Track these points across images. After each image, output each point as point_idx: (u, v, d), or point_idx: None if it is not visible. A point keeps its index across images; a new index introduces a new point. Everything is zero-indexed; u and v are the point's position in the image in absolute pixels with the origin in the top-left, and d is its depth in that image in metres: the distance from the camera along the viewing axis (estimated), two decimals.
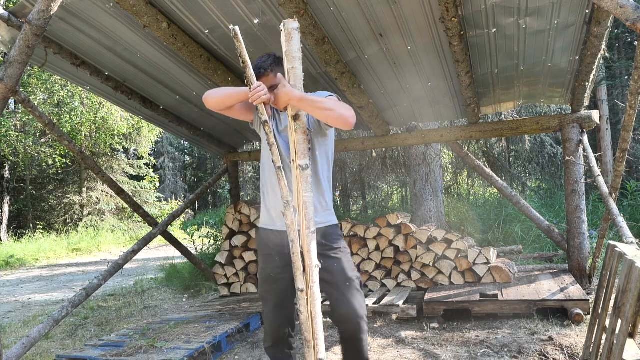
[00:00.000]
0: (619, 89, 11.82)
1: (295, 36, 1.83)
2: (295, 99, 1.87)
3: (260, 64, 2.16)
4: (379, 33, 3.18)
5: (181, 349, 3.17)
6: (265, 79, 2.15)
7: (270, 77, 2.15)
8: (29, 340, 3.10)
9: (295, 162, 1.84)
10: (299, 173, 1.81)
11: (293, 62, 1.85)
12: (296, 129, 1.87)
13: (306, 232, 1.77)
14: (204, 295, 5.81)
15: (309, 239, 1.77)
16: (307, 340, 1.75)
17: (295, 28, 1.81)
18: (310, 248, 1.77)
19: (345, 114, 1.97)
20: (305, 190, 1.80)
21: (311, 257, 1.77)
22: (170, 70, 3.90)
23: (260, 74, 2.15)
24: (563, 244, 4.30)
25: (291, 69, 1.86)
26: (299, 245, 1.76)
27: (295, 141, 1.85)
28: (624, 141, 2.90)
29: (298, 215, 1.80)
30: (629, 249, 2.06)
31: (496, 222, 7.15)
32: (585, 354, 2.42)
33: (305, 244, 1.77)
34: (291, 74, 1.87)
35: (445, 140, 4.69)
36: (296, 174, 1.83)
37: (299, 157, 1.82)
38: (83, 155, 4.23)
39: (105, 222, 16.70)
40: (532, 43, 3.32)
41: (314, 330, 1.75)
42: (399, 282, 4.52)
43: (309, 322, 1.74)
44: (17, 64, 2.44)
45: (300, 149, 1.83)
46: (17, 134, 13.42)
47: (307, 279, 1.76)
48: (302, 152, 1.83)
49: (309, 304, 1.74)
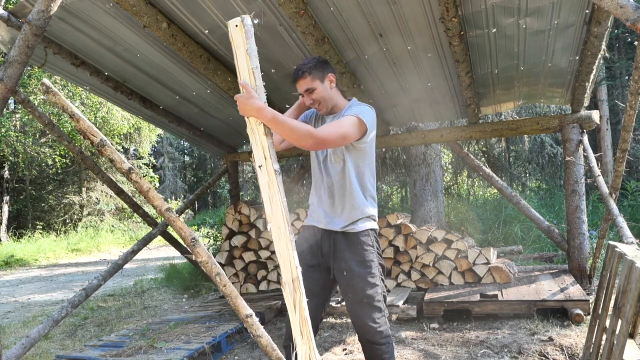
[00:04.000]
0: (619, 89, 11.82)
1: (252, 33, 1.72)
2: (265, 119, 1.75)
3: (301, 66, 2.16)
4: (378, 33, 3.18)
5: (181, 349, 3.16)
6: (302, 82, 2.15)
7: (307, 79, 2.14)
8: (29, 341, 3.09)
9: (265, 166, 1.71)
10: (272, 177, 1.69)
11: (256, 61, 1.73)
12: (266, 132, 1.74)
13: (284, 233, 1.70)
14: (203, 295, 5.81)
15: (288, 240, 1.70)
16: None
17: (253, 24, 1.70)
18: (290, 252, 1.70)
19: (313, 143, 1.91)
20: (280, 193, 1.70)
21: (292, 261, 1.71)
22: (170, 70, 3.90)
23: (298, 75, 2.15)
24: (563, 244, 4.30)
25: (255, 68, 1.73)
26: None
27: (265, 145, 1.73)
28: (624, 141, 2.90)
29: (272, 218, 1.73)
30: (629, 249, 2.06)
31: (496, 222, 7.15)
32: (585, 355, 2.42)
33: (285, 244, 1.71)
34: (256, 73, 1.74)
35: (445, 140, 4.68)
36: (267, 179, 1.71)
37: (272, 161, 1.71)
38: (83, 156, 4.22)
39: (105, 222, 16.70)
40: (532, 43, 3.32)
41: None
42: (399, 282, 4.52)
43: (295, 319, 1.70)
44: (16, 64, 2.44)
45: (271, 153, 1.72)
46: (16, 134, 13.42)
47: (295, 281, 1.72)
48: (274, 156, 1.72)
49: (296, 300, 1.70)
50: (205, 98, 4.43)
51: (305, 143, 1.91)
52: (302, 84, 2.15)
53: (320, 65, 2.16)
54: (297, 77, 2.16)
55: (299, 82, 2.16)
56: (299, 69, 2.15)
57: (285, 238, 1.68)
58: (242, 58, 1.70)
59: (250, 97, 1.73)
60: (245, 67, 1.70)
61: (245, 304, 1.47)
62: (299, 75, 2.15)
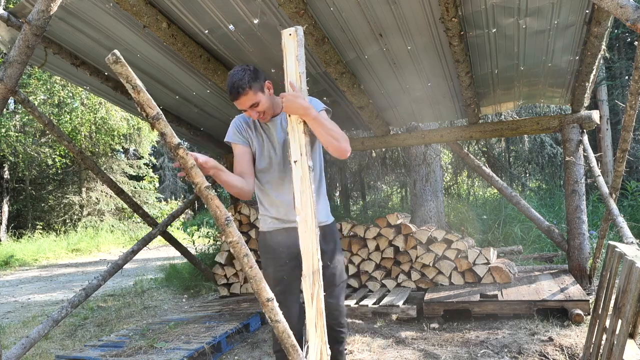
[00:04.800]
0: (619, 89, 11.81)
1: (303, 42, 1.88)
2: (310, 117, 1.83)
3: (237, 82, 1.99)
4: (378, 33, 3.18)
5: (181, 350, 3.16)
6: (244, 99, 2.01)
7: (249, 95, 2.00)
8: (29, 341, 3.09)
9: (300, 162, 1.85)
10: (305, 172, 1.83)
11: (303, 67, 1.89)
12: (305, 131, 1.88)
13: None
14: (203, 295, 5.81)
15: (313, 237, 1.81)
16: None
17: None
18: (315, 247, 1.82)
19: (345, 148, 1.96)
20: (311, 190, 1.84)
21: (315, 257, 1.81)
22: (170, 70, 3.90)
23: (239, 93, 2.00)
24: (563, 244, 4.30)
25: (302, 73, 1.88)
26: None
27: (302, 143, 1.86)
28: (624, 141, 2.90)
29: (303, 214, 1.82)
30: (629, 249, 2.06)
31: (496, 222, 7.15)
32: (585, 355, 2.42)
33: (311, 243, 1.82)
34: (302, 77, 1.88)
35: (445, 140, 4.68)
36: (301, 174, 1.84)
37: (307, 158, 1.85)
38: (83, 156, 4.22)
39: (105, 222, 16.70)
40: (532, 43, 3.32)
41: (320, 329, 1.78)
42: (399, 282, 4.52)
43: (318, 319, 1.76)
44: (16, 64, 2.44)
45: (307, 150, 1.85)
46: (16, 134, 13.42)
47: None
48: (308, 153, 1.86)
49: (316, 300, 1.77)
50: (205, 98, 4.43)
51: (341, 145, 1.95)
52: (244, 101, 2.02)
53: (255, 75, 2.04)
54: (238, 95, 2.00)
55: (241, 99, 2.01)
56: (237, 87, 1.99)
57: (310, 231, 1.80)
58: (292, 63, 1.88)
59: (298, 96, 1.81)
60: (294, 71, 1.88)
61: (267, 287, 1.53)
62: (240, 93, 1.99)
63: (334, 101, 4.35)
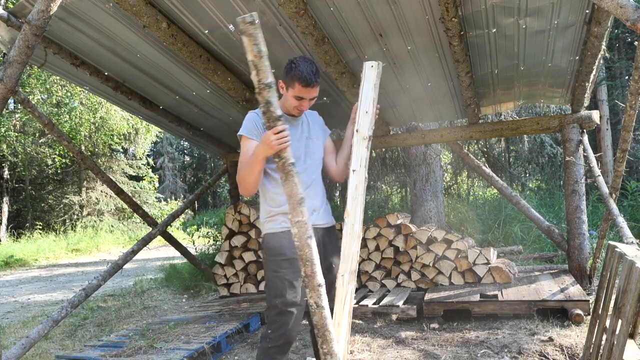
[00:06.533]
0: (619, 89, 11.82)
1: (380, 74, 2.24)
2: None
3: (316, 72, 2.10)
4: (378, 33, 3.18)
5: (181, 350, 3.16)
6: (316, 89, 2.12)
7: (317, 87, 2.12)
8: (28, 341, 3.09)
9: (358, 172, 2.08)
10: (361, 182, 2.05)
11: (376, 94, 2.20)
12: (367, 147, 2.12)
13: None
14: (203, 295, 5.80)
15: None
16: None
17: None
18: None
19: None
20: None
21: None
22: (170, 70, 3.90)
23: (317, 82, 2.10)
24: (563, 244, 4.30)
25: (374, 100, 2.17)
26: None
27: (363, 156, 2.10)
28: (624, 141, 2.90)
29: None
30: (629, 249, 2.06)
31: (496, 222, 7.15)
32: (585, 355, 2.42)
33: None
34: (374, 103, 2.18)
35: (445, 140, 4.68)
36: (357, 183, 2.04)
37: (365, 170, 2.09)
38: (82, 156, 4.22)
39: (105, 222, 16.69)
40: (532, 43, 3.32)
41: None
42: (399, 282, 4.52)
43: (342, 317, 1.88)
44: (16, 64, 2.44)
45: (366, 163, 2.09)
46: (16, 134, 13.43)
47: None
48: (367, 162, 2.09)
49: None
50: (205, 98, 4.43)
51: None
52: (315, 91, 2.12)
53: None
54: (316, 83, 2.10)
55: (315, 88, 2.11)
56: (317, 76, 2.09)
57: (356, 234, 1.96)
58: (369, 90, 2.18)
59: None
60: (369, 97, 2.17)
61: (320, 272, 1.64)
62: (318, 82, 2.10)
63: (334, 101, 4.35)
